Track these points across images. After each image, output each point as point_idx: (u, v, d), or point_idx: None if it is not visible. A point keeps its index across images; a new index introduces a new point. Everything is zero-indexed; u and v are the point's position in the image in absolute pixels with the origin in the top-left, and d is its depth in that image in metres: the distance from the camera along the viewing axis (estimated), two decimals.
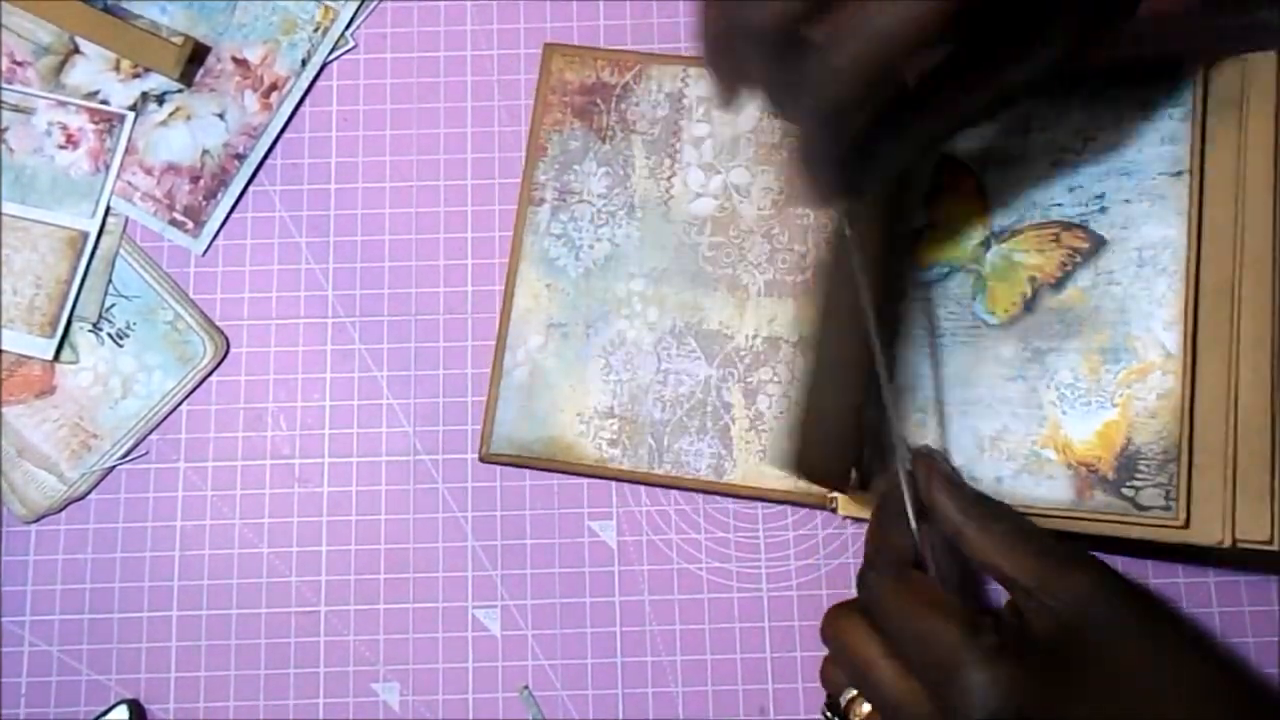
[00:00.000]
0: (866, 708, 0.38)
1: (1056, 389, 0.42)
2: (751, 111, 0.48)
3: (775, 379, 0.46)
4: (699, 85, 0.48)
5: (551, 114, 0.48)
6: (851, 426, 0.43)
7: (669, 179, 0.48)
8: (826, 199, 0.40)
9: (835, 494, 0.44)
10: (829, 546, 0.46)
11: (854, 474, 0.43)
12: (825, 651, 0.45)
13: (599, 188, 0.48)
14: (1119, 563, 0.45)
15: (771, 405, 0.46)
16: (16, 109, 0.50)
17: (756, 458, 0.45)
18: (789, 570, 0.45)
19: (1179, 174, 0.42)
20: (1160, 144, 0.42)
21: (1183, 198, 0.41)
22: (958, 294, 0.44)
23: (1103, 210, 0.43)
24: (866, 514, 0.43)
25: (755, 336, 0.46)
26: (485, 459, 0.46)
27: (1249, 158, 0.41)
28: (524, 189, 0.48)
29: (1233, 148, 0.41)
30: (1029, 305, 0.43)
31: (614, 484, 0.46)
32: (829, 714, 0.40)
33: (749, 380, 0.46)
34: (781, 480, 0.45)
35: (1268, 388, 0.39)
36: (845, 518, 0.45)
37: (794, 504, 0.46)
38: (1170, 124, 0.42)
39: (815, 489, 0.44)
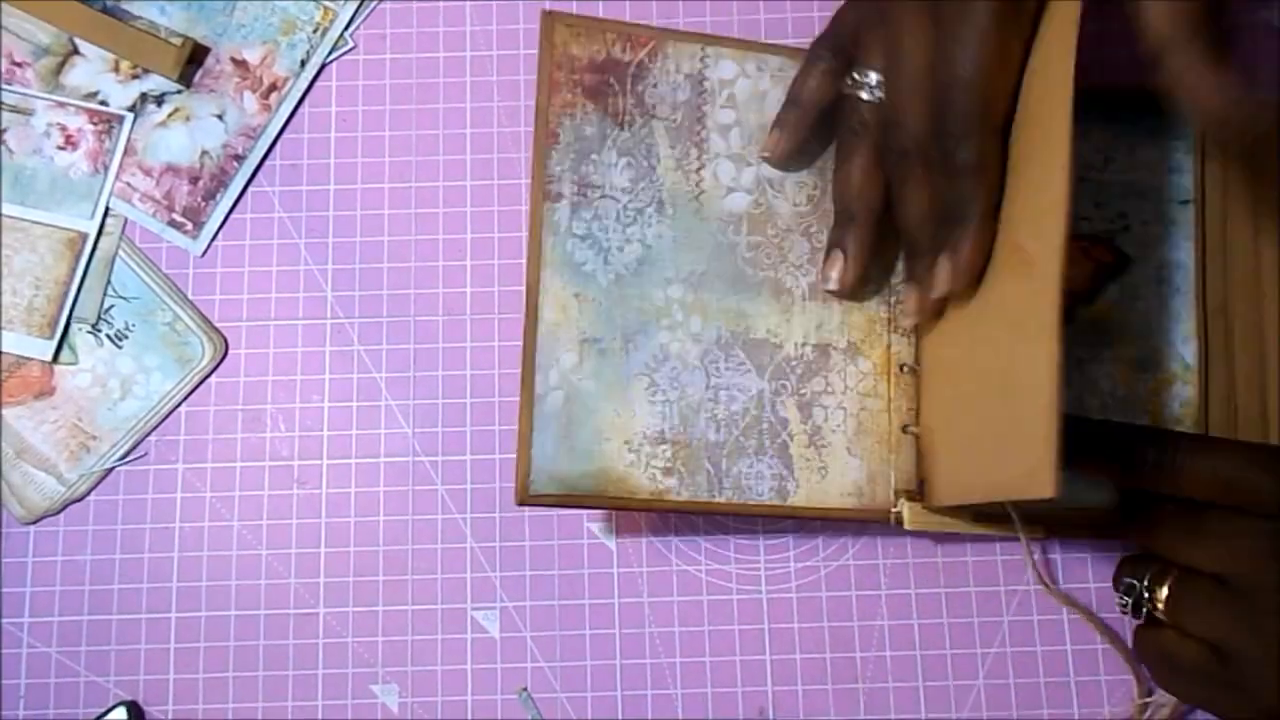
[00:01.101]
0: (1165, 591, 0.39)
1: (1099, 397, 0.44)
2: (776, 95, 0.44)
3: (829, 389, 0.43)
4: (720, 67, 0.44)
5: (560, 94, 0.43)
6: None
7: (698, 171, 0.44)
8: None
9: (900, 506, 0.42)
10: (828, 548, 0.46)
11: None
12: (824, 653, 0.45)
13: (623, 181, 0.43)
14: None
15: (828, 418, 0.43)
16: (16, 110, 0.50)
17: (818, 475, 0.42)
18: (789, 572, 0.45)
19: (1185, 202, 0.45)
20: (1169, 172, 0.46)
21: (1190, 224, 0.45)
22: None
23: (1126, 229, 0.45)
24: (935, 527, 0.42)
25: (804, 344, 0.43)
26: (525, 501, 0.40)
27: (1231, 189, 0.45)
28: (536, 183, 0.42)
29: (1220, 179, 0.45)
30: (1068, 316, 0.43)
31: None
32: (1124, 600, 0.41)
33: (802, 392, 0.43)
34: (845, 498, 0.42)
35: (1261, 396, 0.43)
36: (910, 531, 0.43)
37: (859, 521, 0.44)
38: (1176, 155, 0.46)
39: (879, 504, 0.42)
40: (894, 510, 0.42)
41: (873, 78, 0.41)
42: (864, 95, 0.41)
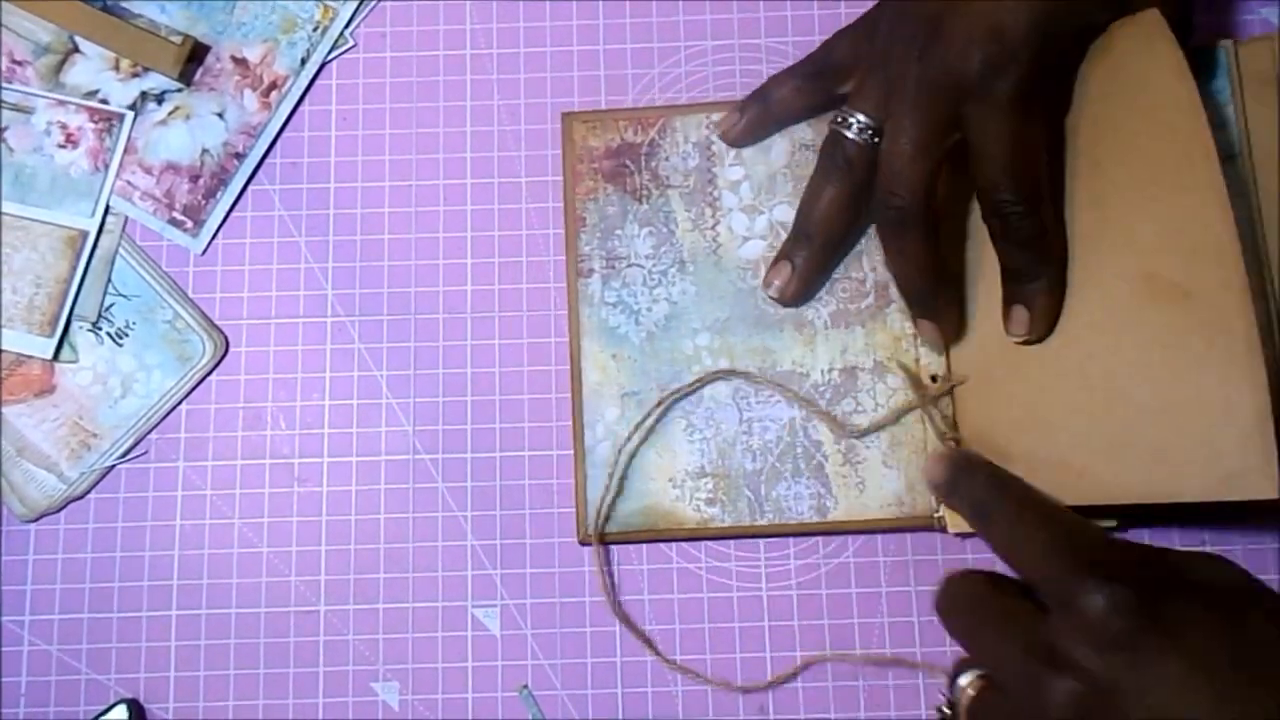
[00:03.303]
0: (967, 677, 0.34)
1: None
2: (783, 146, 0.48)
3: (859, 409, 0.45)
4: None
5: (583, 183, 0.48)
6: None
7: (714, 228, 0.47)
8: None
9: (941, 511, 0.44)
10: (829, 546, 0.46)
11: None
12: (825, 650, 0.45)
13: (645, 249, 0.47)
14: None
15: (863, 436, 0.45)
16: (16, 108, 0.50)
17: (856, 490, 0.45)
18: (789, 570, 0.45)
19: (1231, 158, 0.43)
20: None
21: (1239, 179, 0.42)
22: None
23: None
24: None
25: (830, 370, 0.46)
26: (586, 541, 0.45)
27: None
28: (570, 263, 0.47)
29: (1272, 124, 0.42)
30: None
31: None
32: (947, 711, 0.35)
33: (834, 415, 0.45)
34: (886, 509, 0.44)
35: None
36: (956, 535, 0.44)
37: (903, 530, 0.45)
38: (1214, 109, 0.43)
39: (920, 511, 0.44)
40: (936, 515, 0.44)
41: (861, 119, 0.42)
42: (849, 134, 0.42)
